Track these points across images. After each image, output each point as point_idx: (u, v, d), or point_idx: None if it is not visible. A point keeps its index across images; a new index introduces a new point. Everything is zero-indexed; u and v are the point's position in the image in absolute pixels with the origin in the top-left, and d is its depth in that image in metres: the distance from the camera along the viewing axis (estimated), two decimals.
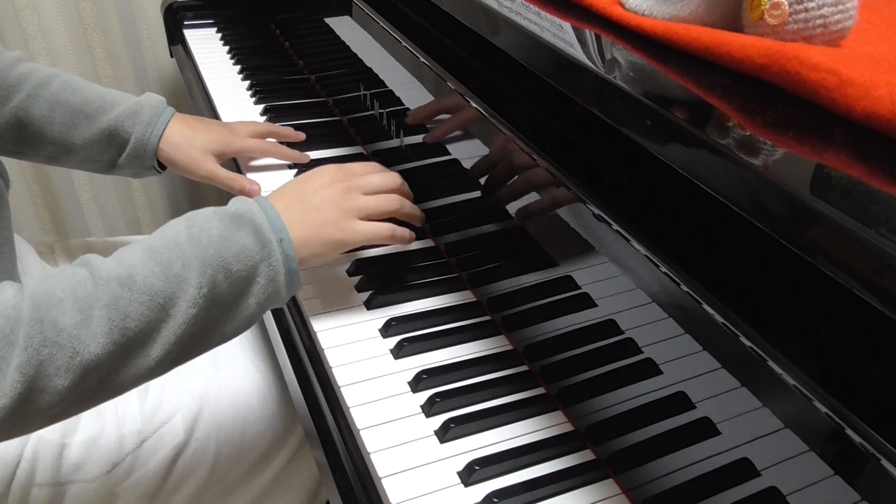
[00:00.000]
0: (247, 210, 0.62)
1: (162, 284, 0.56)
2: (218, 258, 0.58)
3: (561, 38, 0.56)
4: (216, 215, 0.61)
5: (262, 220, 0.61)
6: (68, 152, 0.88)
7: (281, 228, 0.62)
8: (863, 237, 0.33)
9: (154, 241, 0.59)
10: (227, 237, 0.59)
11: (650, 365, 0.53)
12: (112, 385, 0.56)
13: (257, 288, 0.61)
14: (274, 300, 0.63)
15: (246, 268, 0.60)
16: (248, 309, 0.61)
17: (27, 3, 1.36)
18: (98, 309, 0.53)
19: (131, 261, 0.56)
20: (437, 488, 0.57)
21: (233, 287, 0.59)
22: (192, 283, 0.57)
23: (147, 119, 0.87)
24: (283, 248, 0.62)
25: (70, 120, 0.86)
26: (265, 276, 0.61)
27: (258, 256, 0.60)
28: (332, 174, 0.70)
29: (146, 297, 0.55)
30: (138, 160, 0.88)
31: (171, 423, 0.79)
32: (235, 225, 0.60)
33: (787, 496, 0.43)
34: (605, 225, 0.53)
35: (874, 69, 0.40)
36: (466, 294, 0.76)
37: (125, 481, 0.77)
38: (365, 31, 0.95)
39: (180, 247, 0.58)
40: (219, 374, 0.84)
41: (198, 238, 0.58)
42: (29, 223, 1.55)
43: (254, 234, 0.60)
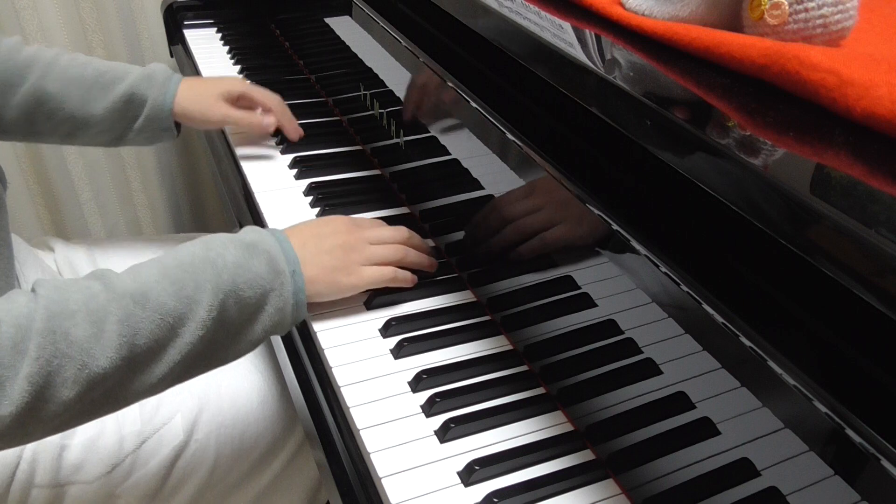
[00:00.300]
0: (262, 240, 0.64)
1: (174, 304, 0.57)
2: (231, 283, 0.60)
3: (561, 38, 0.56)
4: (232, 242, 0.63)
5: (278, 251, 0.64)
6: (86, 125, 0.91)
7: (295, 261, 0.65)
8: (863, 237, 0.33)
9: (169, 261, 0.60)
10: (242, 264, 0.61)
11: (650, 365, 0.53)
12: (115, 399, 0.56)
13: (265, 315, 0.62)
14: (278, 328, 0.65)
15: (257, 295, 0.61)
16: (254, 334, 0.62)
17: (27, 3, 1.36)
18: (110, 323, 0.54)
19: (145, 278, 0.57)
20: (437, 488, 0.57)
21: (242, 312, 0.61)
22: (204, 306, 0.58)
23: (161, 81, 0.93)
24: (294, 280, 0.64)
25: (87, 92, 0.89)
26: (274, 304, 0.63)
27: (269, 285, 0.62)
28: (346, 224, 0.73)
29: (157, 316, 0.56)
30: (156, 122, 0.93)
31: (170, 424, 0.79)
32: (251, 253, 0.62)
33: (787, 496, 0.43)
34: (604, 224, 0.53)
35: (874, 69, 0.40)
36: (466, 294, 0.76)
37: (125, 482, 0.77)
38: (365, 31, 0.95)
39: (195, 269, 0.59)
40: (219, 375, 0.84)
41: (213, 262, 0.60)
42: (29, 223, 1.55)
43: (268, 263, 0.63)
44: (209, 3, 1.41)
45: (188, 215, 1.71)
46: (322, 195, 0.90)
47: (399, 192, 0.92)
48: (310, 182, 0.93)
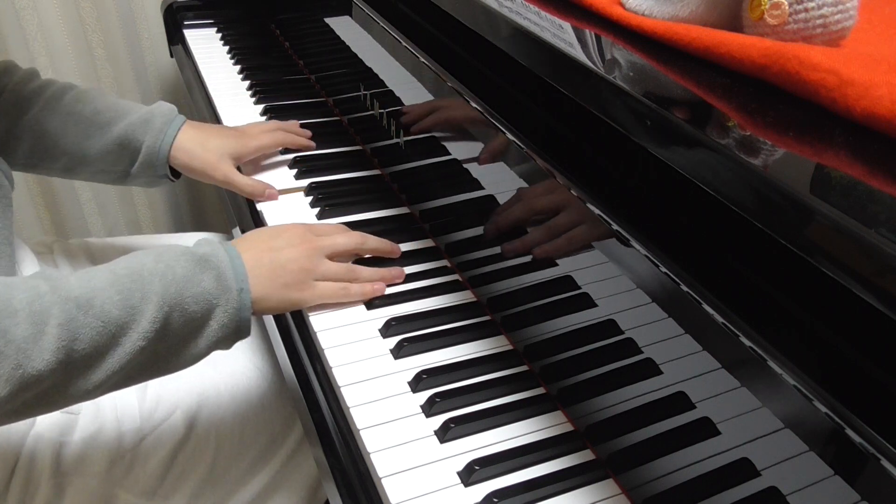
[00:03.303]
0: (214, 255, 0.64)
1: (118, 313, 0.57)
2: (178, 296, 0.60)
3: (561, 38, 0.56)
4: (184, 255, 0.63)
5: (228, 267, 0.63)
6: (82, 163, 0.88)
7: (244, 279, 0.64)
8: (863, 237, 0.33)
9: (119, 269, 0.60)
10: (191, 278, 0.61)
11: (650, 365, 0.53)
12: (48, 401, 0.56)
13: (209, 330, 0.62)
14: (221, 345, 0.64)
15: (202, 310, 0.61)
16: (195, 349, 0.63)
17: (27, 3, 1.36)
18: (51, 326, 0.54)
19: (93, 284, 0.57)
20: (437, 488, 0.57)
21: (186, 326, 0.61)
22: (147, 317, 0.58)
23: (159, 126, 0.87)
24: (240, 298, 0.63)
25: (83, 130, 0.86)
26: (218, 320, 0.62)
27: (216, 301, 0.62)
28: (301, 234, 0.72)
29: (100, 323, 0.56)
30: (151, 168, 0.88)
31: (170, 421, 0.79)
32: (201, 268, 0.62)
33: (787, 496, 0.43)
34: (604, 224, 0.53)
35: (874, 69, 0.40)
36: (466, 294, 0.76)
37: (125, 478, 0.77)
38: (365, 31, 0.95)
39: (143, 279, 0.59)
40: (218, 372, 0.84)
41: (163, 274, 0.60)
42: (29, 223, 1.55)
43: (216, 279, 0.62)
44: (209, 3, 1.41)
45: (188, 215, 1.71)
46: (322, 195, 0.90)
47: (399, 192, 0.92)
48: (310, 182, 0.93)
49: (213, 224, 1.75)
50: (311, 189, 0.92)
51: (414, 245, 0.83)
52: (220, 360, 0.86)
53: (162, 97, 1.58)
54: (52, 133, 0.86)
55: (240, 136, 0.92)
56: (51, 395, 0.56)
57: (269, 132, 0.95)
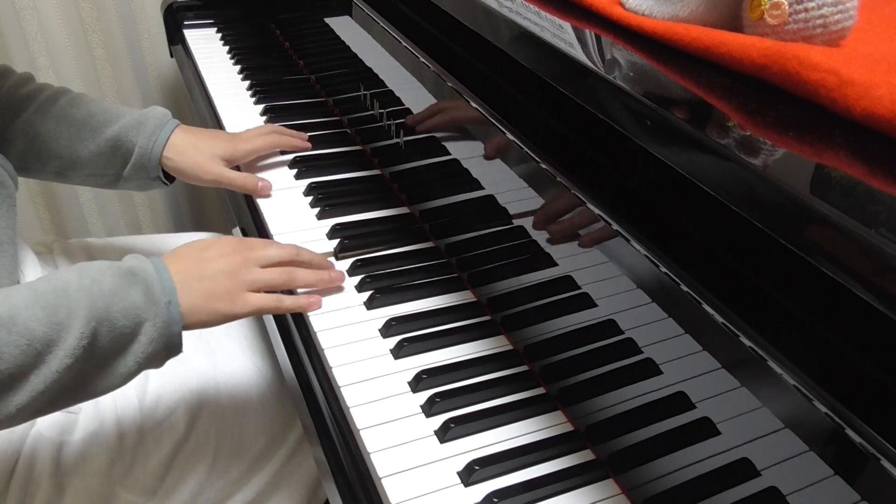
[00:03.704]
0: (141, 268, 0.62)
1: (43, 330, 0.55)
2: (105, 311, 0.58)
3: (561, 38, 0.56)
4: (110, 269, 0.61)
5: (155, 280, 0.62)
6: (74, 166, 0.88)
7: (171, 291, 0.62)
8: (863, 237, 0.33)
9: (42, 287, 0.58)
10: (118, 292, 0.59)
11: (650, 365, 0.53)
12: None
13: (138, 346, 0.61)
14: (152, 361, 0.62)
15: (131, 324, 0.59)
16: (125, 367, 0.61)
17: (27, 3, 1.36)
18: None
19: (15, 301, 0.55)
20: (437, 488, 0.57)
21: (114, 342, 0.59)
22: (74, 333, 0.56)
23: (151, 129, 0.87)
24: (169, 311, 0.62)
25: (75, 133, 0.86)
26: (147, 335, 0.61)
27: (145, 315, 0.60)
28: (232, 245, 0.70)
29: (24, 341, 0.54)
30: (143, 171, 0.88)
31: (170, 420, 0.80)
32: (128, 281, 0.60)
33: (787, 496, 0.43)
34: (604, 224, 0.53)
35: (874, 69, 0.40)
36: (466, 294, 0.76)
37: (125, 477, 0.77)
38: (365, 31, 0.95)
39: (69, 295, 0.57)
40: (217, 372, 0.84)
41: (88, 289, 0.58)
42: (29, 223, 1.55)
43: (144, 293, 0.61)
44: (209, 3, 1.41)
45: (188, 215, 1.71)
46: (322, 195, 0.90)
47: (399, 192, 0.92)
48: (310, 182, 0.93)
49: (213, 224, 1.75)
50: (310, 189, 0.92)
51: (414, 245, 0.83)
52: (220, 360, 0.86)
53: (162, 97, 1.58)
54: (44, 136, 0.86)
55: (232, 139, 0.92)
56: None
57: (263, 136, 0.95)
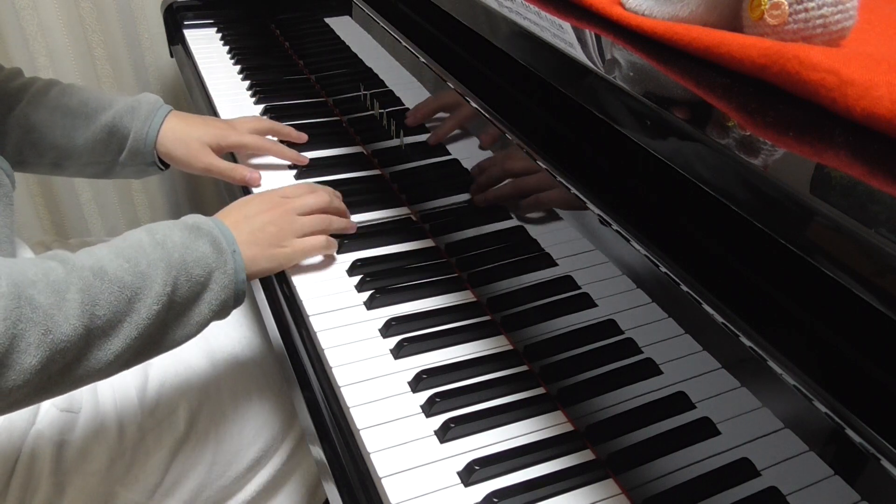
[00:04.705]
0: (204, 223, 0.67)
1: (131, 279, 0.59)
2: (181, 261, 0.62)
3: (561, 38, 0.56)
4: (176, 226, 0.66)
5: (218, 233, 0.67)
6: (70, 155, 0.90)
7: (233, 241, 0.68)
8: (863, 237, 0.33)
9: (118, 242, 0.62)
10: (189, 245, 0.64)
11: (650, 365, 0.53)
12: (71, 376, 0.57)
13: (210, 294, 0.65)
14: (222, 310, 0.67)
15: (204, 273, 0.64)
16: (200, 315, 0.65)
17: (27, 3, 1.36)
18: (71, 293, 0.55)
19: (100, 256, 0.59)
20: (437, 488, 0.57)
21: (191, 290, 0.63)
22: (158, 282, 0.60)
23: (144, 114, 0.89)
24: (235, 259, 0.67)
25: (70, 122, 0.88)
26: (219, 282, 0.65)
27: (215, 264, 0.65)
28: (270, 199, 0.76)
29: (116, 288, 0.58)
30: (139, 156, 0.90)
31: (170, 419, 0.80)
32: (195, 235, 0.65)
33: (787, 496, 0.43)
34: (605, 225, 0.53)
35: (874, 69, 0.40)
36: (466, 294, 0.76)
37: (125, 476, 0.77)
38: (365, 31, 0.95)
39: (145, 249, 0.62)
40: (218, 370, 0.84)
41: (162, 243, 0.63)
42: (29, 223, 1.55)
43: (212, 244, 0.65)
44: (209, 3, 1.41)
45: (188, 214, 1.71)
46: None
47: (399, 193, 0.92)
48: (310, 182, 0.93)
49: None
50: None
51: (414, 245, 0.83)
52: (220, 359, 0.86)
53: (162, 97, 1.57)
54: (39, 127, 0.87)
55: (223, 126, 0.93)
56: (73, 367, 0.57)
57: (257, 134, 0.95)
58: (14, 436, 0.74)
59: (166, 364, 0.83)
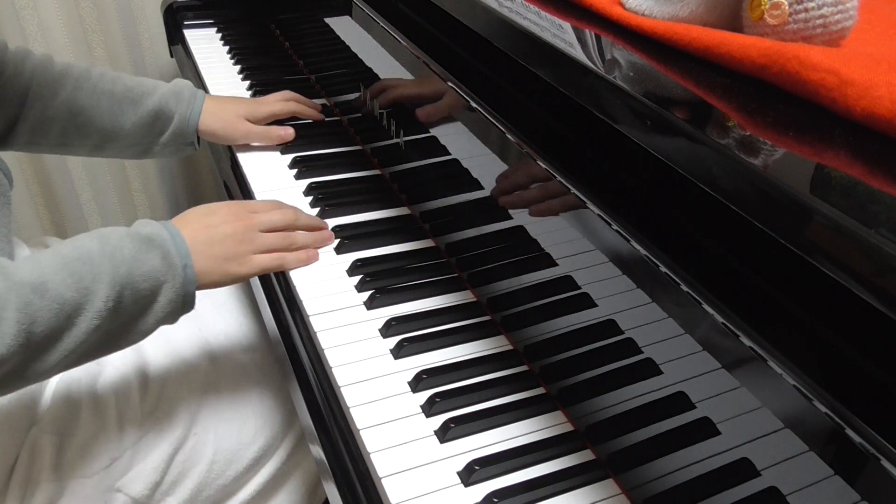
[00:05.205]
0: (157, 234, 0.67)
1: (72, 295, 0.59)
2: (127, 276, 0.63)
3: (561, 38, 0.56)
4: (129, 236, 0.65)
5: (171, 245, 0.67)
6: (115, 137, 0.95)
7: (186, 255, 0.68)
8: (863, 237, 0.33)
9: (67, 252, 0.62)
10: (138, 258, 0.64)
11: (650, 365, 0.53)
12: (8, 384, 0.59)
13: (157, 307, 0.65)
14: (169, 318, 0.68)
15: (151, 287, 0.65)
16: (145, 325, 0.66)
17: (27, 3, 1.36)
18: (9, 311, 0.56)
19: (44, 269, 0.59)
20: (437, 488, 0.57)
21: (136, 304, 0.64)
22: (100, 297, 0.61)
23: (187, 98, 0.97)
24: (185, 273, 0.67)
25: (117, 106, 0.93)
26: (166, 296, 0.66)
27: (164, 277, 0.65)
28: (235, 211, 0.76)
29: (56, 306, 0.58)
30: (181, 136, 0.97)
31: (169, 418, 0.80)
32: (147, 247, 0.65)
33: (787, 496, 0.43)
34: (604, 225, 0.53)
35: (874, 69, 0.40)
36: (466, 294, 0.76)
37: (124, 476, 0.77)
38: (365, 31, 0.95)
39: (93, 261, 0.62)
40: (217, 370, 0.84)
41: (111, 256, 0.63)
42: (29, 223, 1.55)
43: (162, 257, 0.66)
44: (209, 3, 1.41)
45: None
46: (322, 195, 0.90)
47: (399, 192, 0.92)
48: (310, 182, 0.93)
49: None
50: (310, 189, 0.92)
51: (414, 245, 0.83)
52: (220, 359, 0.86)
53: None
54: (87, 110, 0.92)
55: (254, 102, 1.02)
56: (9, 378, 0.58)
57: (282, 101, 1.03)
58: (14, 435, 0.74)
59: (166, 364, 0.83)
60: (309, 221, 0.82)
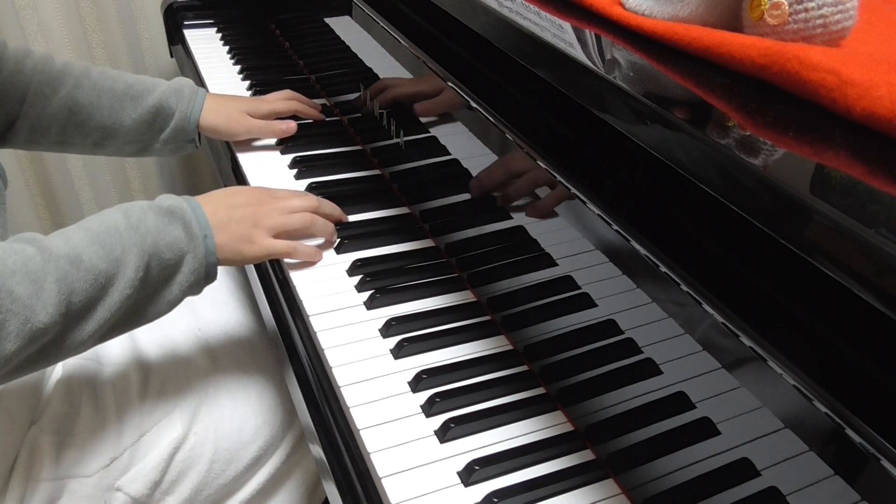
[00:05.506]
0: (178, 206, 0.69)
1: (106, 266, 0.61)
2: (153, 246, 0.65)
3: (561, 38, 0.56)
4: (151, 209, 0.67)
5: (192, 217, 0.69)
6: (114, 135, 0.95)
7: (206, 227, 0.70)
8: (863, 237, 0.33)
9: (95, 226, 0.64)
10: (162, 229, 0.66)
11: (650, 365, 0.53)
12: (45, 356, 0.60)
13: (181, 276, 0.67)
14: (193, 289, 0.69)
15: (175, 257, 0.66)
16: (171, 294, 0.67)
17: (27, 3, 1.36)
18: (49, 282, 0.58)
19: (76, 242, 0.62)
20: (437, 488, 0.57)
21: (162, 273, 0.66)
22: (131, 267, 0.63)
23: (188, 96, 0.97)
24: (206, 244, 0.69)
25: (118, 103, 0.93)
26: (189, 265, 0.68)
27: (186, 248, 0.67)
28: (257, 194, 0.77)
29: (91, 276, 0.60)
30: (182, 133, 0.97)
31: (169, 418, 0.80)
32: (169, 219, 0.67)
33: (787, 496, 0.43)
34: (604, 225, 0.53)
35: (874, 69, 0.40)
36: (466, 294, 0.76)
37: (124, 475, 0.77)
38: (365, 31, 0.95)
39: (120, 234, 0.64)
40: (217, 370, 0.84)
41: (136, 227, 0.65)
42: (29, 223, 1.55)
43: (184, 228, 0.68)
44: (209, 3, 1.41)
45: None
46: (322, 195, 0.90)
47: (399, 193, 0.92)
48: (310, 182, 0.93)
49: None
50: (310, 189, 0.92)
51: (414, 245, 0.83)
52: (220, 358, 0.86)
53: None
54: (87, 107, 0.92)
55: (255, 100, 1.03)
56: (49, 348, 0.60)
57: (284, 100, 1.03)
58: (14, 434, 0.74)
59: (166, 363, 0.83)
60: (331, 210, 0.83)
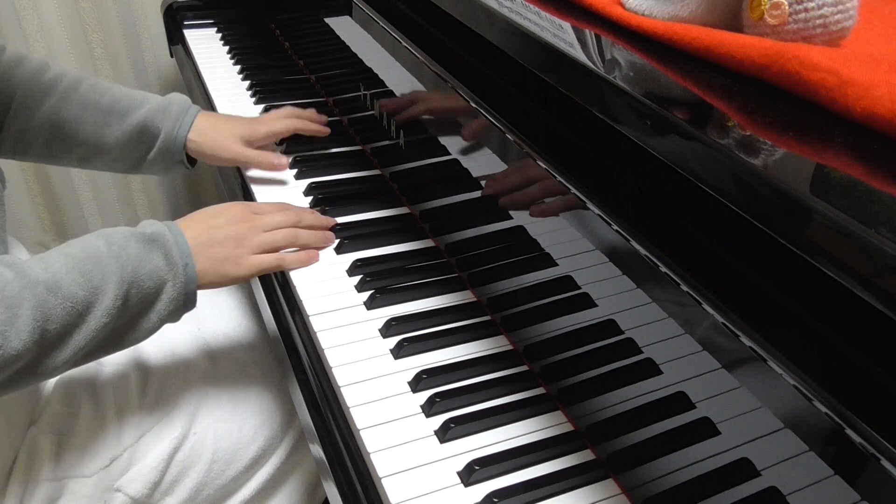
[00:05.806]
0: (160, 234, 0.69)
1: (84, 293, 0.61)
2: (133, 274, 0.65)
3: (561, 38, 0.56)
4: (133, 236, 0.67)
5: (173, 245, 0.68)
6: (99, 151, 0.92)
7: (187, 254, 0.69)
8: (863, 237, 0.33)
9: (76, 252, 0.64)
10: (143, 257, 0.66)
11: (650, 365, 0.53)
12: (17, 381, 0.60)
13: (161, 304, 0.67)
14: (172, 316, 0.69)
15: (155, 286, 0.67)
16: (150, 322, 0.67)
17: (27, 3, 1.36)
18: (25, 308, 0.57)
19: (56, 269, 0.61)
20: (437, 488, 0.57)
21: (141, 301, 0.66)
22: (110, 295, 0.63)
23: (175, 114, 0.92)
24: (186, 272, 0.69)
25: (102, 119, 0.90)
26: (169, 294, 0.68)
27: (167, 276, 0.67)
28: (240, 213, 0.76)
29: (69, 304, 0.60)
30: (168, 154, 0.93)
31: (169, 418, 0.80)
32: (150, 247, 0.67)
33: (787, 496, 0.43)
34: (604, 225, 0.53)
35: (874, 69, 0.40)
36: (466, 294, 0.76)
37: (123, 476, 0.77)
38: (365, 31, 0.95)
39: (101, 261, 0.63)
40: (217, 370, 0.84)
41: (117, 255, 0.65)
42: (28, 223, 1.55)
43: (165, 256, 0.68)
44: (209, 3, 1.41)
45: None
46: (322, 195, 0.90)
47: (399, 193, 0.92)
48: (310, 182, 0.93)
49: None
50: (310, 189, 0.92)
51: (414, 245, 0.83)
52: (220, 358, 0.86)
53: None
54: (70, 122, 0.89)
55: (251, 122, 0.96)
56: (22, 374, 0.60)
57: (282, 119, 0.98)
58: (13, 434, 0.74)
59: (166, 364, 0.83)
60: (314, 220, 0.82)
